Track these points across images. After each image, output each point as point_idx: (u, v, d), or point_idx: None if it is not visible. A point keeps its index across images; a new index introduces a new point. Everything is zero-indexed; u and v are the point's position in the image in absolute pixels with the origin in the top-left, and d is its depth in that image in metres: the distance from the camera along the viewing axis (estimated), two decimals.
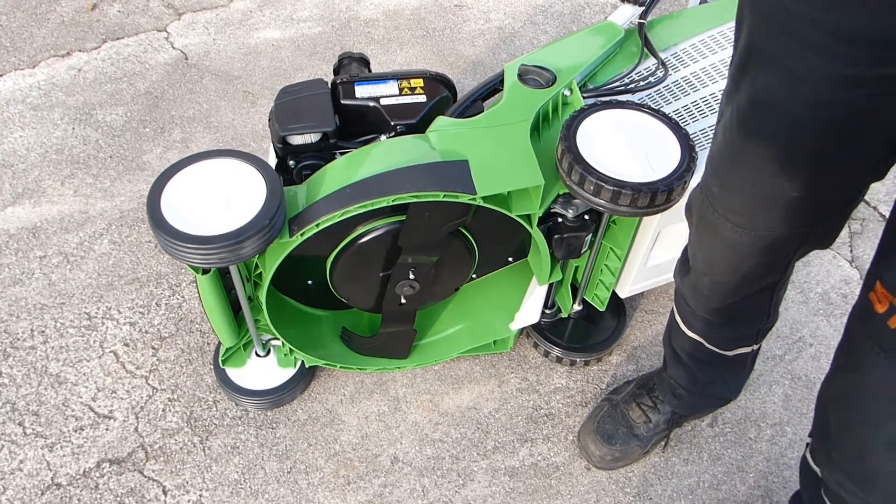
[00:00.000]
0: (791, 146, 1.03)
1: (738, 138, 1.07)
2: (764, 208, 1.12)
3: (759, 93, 1.01)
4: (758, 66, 1.00)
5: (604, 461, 1.71)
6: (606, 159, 1.38)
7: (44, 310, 1.90)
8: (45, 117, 2.31)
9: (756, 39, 0.99)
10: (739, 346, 1.47)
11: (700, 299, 1.38)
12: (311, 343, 1.72)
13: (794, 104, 0.98)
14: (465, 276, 1.68)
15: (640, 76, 1.71)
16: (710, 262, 1.29)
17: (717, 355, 1.48)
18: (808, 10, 0.89)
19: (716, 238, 1.22)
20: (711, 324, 1.42)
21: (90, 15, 2.64)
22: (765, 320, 1.42)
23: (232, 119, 2.35)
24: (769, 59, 0.98)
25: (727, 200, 1.16)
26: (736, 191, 1.14)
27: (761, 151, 1.05)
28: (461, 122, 1.51)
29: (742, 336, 1.46)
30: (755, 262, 1.23)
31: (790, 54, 0.94)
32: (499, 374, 1.87)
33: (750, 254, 1.21)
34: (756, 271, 1.26)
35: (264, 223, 1.29)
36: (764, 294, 1.35)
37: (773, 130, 1.03)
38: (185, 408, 1.76)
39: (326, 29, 2.66)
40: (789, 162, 1.04)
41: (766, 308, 1.39)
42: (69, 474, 1.66)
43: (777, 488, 1.73)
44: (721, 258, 1.26)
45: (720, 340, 1.45)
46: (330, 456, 1.72)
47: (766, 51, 0.98)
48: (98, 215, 2.09)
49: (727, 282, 1.29)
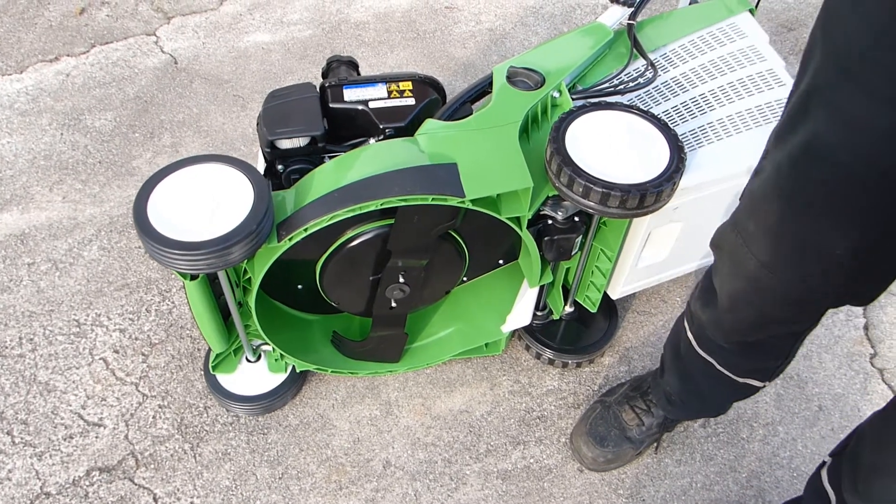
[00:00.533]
0: (843, 199, 0.98)
1: (787, 181, 1.02)
2: (803, 257, 1.07)
3: (815, 138, 0.96)
4: (818, 110, 0.95)
5: (596, 463, 1.70)
6: (595, 161, 1.38)
7: (32, 317, 1.89)
8: (33, 123, 2.30)
9: (820, 82, 0.94)
10: (751, 377, 1.42)
11: (719, 333, 1.34)
12: (301, 348, 1.71)
13: (850, 155, 0.93)
14: (456, 279, 1.68)
15: (630, 77, 1.70)
16: (735, 301, 1.23)
17: (725, 377, 1.43)
18: (879, 57, 0.85)
19: (744, 278, 1.17)
20: (728, 351, 1.37)
21: (78, 19, 2.62)
22: (783, 359, 1.37)
23: (222, 123, 2.34)
24: (830, 104, 0.94)
25: (763, 242, 1.10)
26: (774, 235, 1.08)
27: (810, 199, 1.01)
28: (450, 125, 1.50)
29: (757, 369, 1.40)
30: (784, 309, 1.18)
31: (854, 102, 0.90)
32: (491, 376, 1.86)
33: (779, 300, 1.16)
34: (783, 317, 1.21)
35: (252, 228, 1.28)
36: (787, 340, 1.31)
37: (826, 180, 0.98)
38: (176, 414, 1.75)
39: (317, 32, 2.66)
40: (838, 215, 0.99)
41: (786, 349, 1.34)
42: (58, 483, 1.65)
43: (769, 488, 1.73)
44: (747, 299, 1.20)
45: (733, 367, 1.40)
46: (322, 461, 1.71)
47: (827, 95, 0.94)
48: (87, 221, 2.08)
49: (751, 323, 1.25)
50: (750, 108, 1.63)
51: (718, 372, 1.42)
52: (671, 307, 2.01)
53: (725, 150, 1.58)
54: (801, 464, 1.76)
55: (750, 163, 1.56)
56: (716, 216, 1.69)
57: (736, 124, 1.61)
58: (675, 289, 2.04)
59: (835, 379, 1.89)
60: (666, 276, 1.85)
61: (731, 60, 1.70)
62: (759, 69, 1.68)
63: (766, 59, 1.70)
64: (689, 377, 1.54)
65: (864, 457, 1.23)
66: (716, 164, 1.56)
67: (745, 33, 1.75)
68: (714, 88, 1.67)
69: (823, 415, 1.84)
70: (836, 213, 0.99)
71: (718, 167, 1.56)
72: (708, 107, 1.65)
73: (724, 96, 1.65)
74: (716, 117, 1.62)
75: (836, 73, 0.92)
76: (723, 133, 1.60)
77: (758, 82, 1.66)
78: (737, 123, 1.61)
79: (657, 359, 1.90)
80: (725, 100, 1.65)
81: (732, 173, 1.57)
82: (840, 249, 1.02)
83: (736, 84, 1.67)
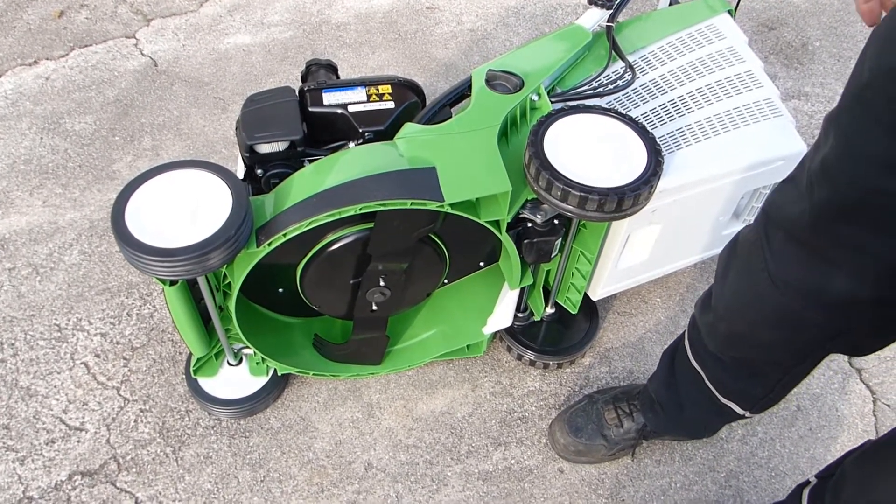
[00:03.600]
0: (848, 222, 0.97)
1: (807, 192, 1.02)
2: (816, 269, 1.05)
3: (826, 159, 0.97)
4: (834, 129, 0.96)
5: (567, 451, 1.72)
6: (574, 164, 1.38)
7: (13, 322, 1.88)
8: (12, 127, 2.29)
9: (841, 101, 0.95)
10: (734, 400, 1.41)
11: (713, 341, 1.33)
12: (283, 351, 1.71)
13: (847, 184, 0.94)
14: (437, 281, 1.68)
15: (609, 79, 1.71)
16: (731, 309, 1.24)
17: (709, 396, 1.43)
18: (886, 86, 0.85)
19: (749, 286, 1.16)
20: (719, 361, 1.36)
21: (57, 22, 2.61)
22: (768, 391, 1.35)
23: (203, 126, 2.34)
24: (838, 127, 0.94)
25: (784, 252, 1.09)
26: (797, 243, 1.06)
27: (828, 214, 1.00)
28: (429, 129, 1.51)
29: (741, 392, 1.39)
30: (774, 329, 1.18)
31: (855, 128, 0.91)
32: (472, 378, 1.87)
33: (772, 318, 1.15)
34: (771, 338, 1.20)
35: (230, 234, 1.28)
36: (774, 369, 1.30)
37: (830, 199, 0.98)
38: (158, 418, 1.75)
39: (297, 33, 2.65)
40: (845, 237, 0.98)
41: (769, 383, 1.33)
42: (41, 487, 1.64)
43: (748, 487, 1.74)
44: (742, 310, 1.21)
45: (720, 383, 1.40)
46: (303, 464, 1.71)
47: (839, 119, 0.95)
48: (67, 226, 2.07)
49: (741, 334, 1.24)
50: (728, 109, 1.65)
51: (704, 386, 1.43)
52: (652, 308, 2.02)
53: (704, 153, 1.59)
54: (780, 463, 1.78)
55: (729, 165, 1.59)
56: (695, 218, 1.71)
57: (714, 126, 1.62)
58: (656, 290, 2.05)
59: (813, 379, 1.91)
60: (646, 277, 1.86)
61: (709, 62, 1.72)
62: (737, 71, 1.69)
63: (744, 61, 1.71)
64: (676, 386, 1.55)
65: (846, 492, 1.24)
66: (694, 167, 1.57)
67: (724, 34, 1.76)
68: (692, 90, 1.68)
69: (802, 415, 1.86)
70: (844, 236, 0.99)
71: (697, 169, 1.57)
72: (686, 109, 1.66)
73: (702, 98, 1.66)
74: (694, 119, 1.63)
75: (851, 96, 0.92)
76: (701, 135, 1.61)
77: (736, 84, 1.68)
78: (715, 126, 1.62)
79: (638, 359, 1.92)
80: (704, 102, 1.66)
81: (711, 175, 1.58)
82: (842, 275, 1.01)
83: (714, 86, 1.68)
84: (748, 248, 1.17)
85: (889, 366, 1.95)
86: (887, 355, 1.97)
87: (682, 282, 2.08)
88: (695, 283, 2.08)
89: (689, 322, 1.46)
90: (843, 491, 1.27)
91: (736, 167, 1.59)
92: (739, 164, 1.59)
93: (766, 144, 1.61)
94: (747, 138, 1.61)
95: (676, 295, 2.05)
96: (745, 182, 1.64)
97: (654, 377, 1.65)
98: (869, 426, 1.85)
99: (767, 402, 1.39)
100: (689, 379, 1.46)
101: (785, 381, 1.32)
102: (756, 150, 1.60)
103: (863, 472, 1.25)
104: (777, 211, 1.10)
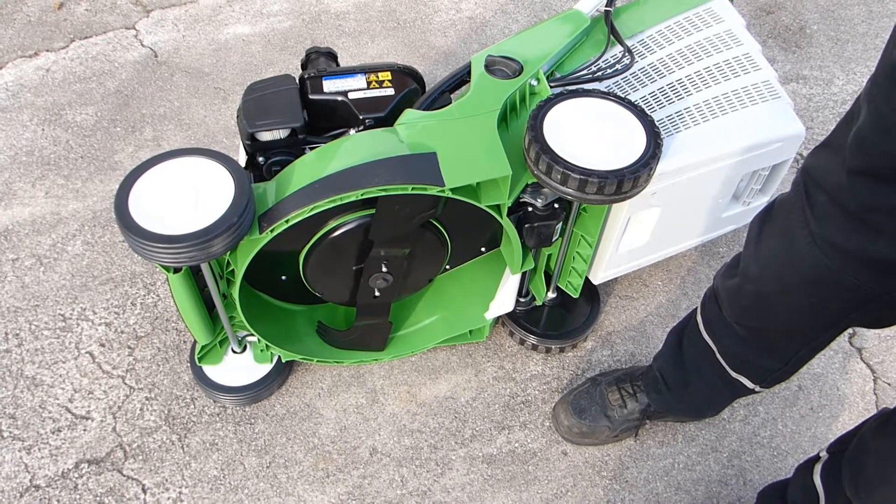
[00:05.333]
0: (884, 190, 0.99)
1: (844, 161, 1.03)
2: (858, 232, 1.05)
3: (860, 129, 0.99)
4: (867, 104, 0.98)
5: (570, 432, 1.73)
6: (573, 148, 1.39)
7: (18, 312, 1.89)
8: (13, 119, 2.29)
9: (873, 76, 0.97)
10: (745, 373, 1.42)
11: (736, 307, 1.33)
12: (286, 338, 1.72)
13: (881, 154, 0.96)
14: (439, 267, 1.69)
15: (607, 64, 1.72)
16: (764, 270, 1.23)
17: (719, 370, 1.44)
18: None
19: (788, 246, 1.16)
20: (734, 334, 1.37)
21: (57, 14, 2.62)
22: (782, 365, 1.36)
23: (204, 116, 2.35)
24: (871, 101, 0.97)
25: (827, 213, 1.08)
26: (840, 207, 1.06)
27: (865, 182, 1.01)
28: (429, 115, 1.51)
29: (754, 365, 1.40)
30: (805, 293, 1.17)
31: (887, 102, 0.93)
32: (475, 363, 1.88)
33: (808, 278, 1.15)
34: (799, 303, 1.20)
35: (233, 220, 1.29)
36: (792, 340, 1.31)
37: (866, 169, 1.00)
38: (163, 406, 1.77)
39: (297, 23, 2.66)
40: (883, 204, 1.00)
41: (786, 356, 1.34)
42: (48, 476, 1.66)
43: (750, 467, 1.75)
44: (776, 271, 1.20)
45: (731, 356, 1.41)
46: (309, 449, 1.73)
47: (871, 93, 0.97)
48: (70, 216, 2.08)
49: (769, 297, 1.24)
50: (726, 92, 1.65)
51: (715, 360, 1.44)
52: (653, 291, 2.03)
53: (703, 135, 1.60)
54: (782, 443, 1.79)
55: (727, 147, 1.60)
56: (694, 200, 1.71)
57: (713, 109, 1.62)
58: (657, 273, 2.06)
59: (814, 359, 1.91)
60: (647, 260, 1.87)
61: (707, 45, 1.72)
62: (735, 54, 1.70)
63: (742, 44, 1.71)
64: (683, 362, 1.56)
65: (868, 467, 1.22)
66: (693, 149, 1.58)
67: (722, 18, 1.77)
68: (691, 73, 1.69)
69: (803, 395, 1.87)
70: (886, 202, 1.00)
71: (696, 152, 1.58)
72: (685, 92, 1.66)
73: (700, 81, 1.67)
74: (692, 102, 1.64)
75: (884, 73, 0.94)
76: (700, 118, 1.61)
77: (734, 66, 1.68)
78: (713, 108, 1.62)
79: (640, 342, 1.93)
80: (702, 84, 1.66)
81: (710, 157, 1.59)
82: (885, 237, 1.02)
83: (712, 69, 1.69)
84: (787, 209, 1.17)
85: (889, 345, 1.96)
86: (887, 335, 1.98)
87: (682, 265, 2.08)
88: (696, 266, 2.09)
89: (704, 295, 1.46)
90: (865, 466, 1.23)
91: (735, 149, 1.60)
92: (738, 146, 1.60)
93: (764, 126, 1.62)
94: (746, 120, 1.61)
95: (677, 278, 2.06)
96: (743, 164, 1.65)
97: (660, 355, 1.66)
98: (870, 405, 1.87)
99: (782, 374, 1.39)
100: (699, 354, 1.47)
101: (802, 354, 1.32)
102: (754, 132, 1.61)
103: (888, 443, 1.20)
104: (818, 174, 1.10)
